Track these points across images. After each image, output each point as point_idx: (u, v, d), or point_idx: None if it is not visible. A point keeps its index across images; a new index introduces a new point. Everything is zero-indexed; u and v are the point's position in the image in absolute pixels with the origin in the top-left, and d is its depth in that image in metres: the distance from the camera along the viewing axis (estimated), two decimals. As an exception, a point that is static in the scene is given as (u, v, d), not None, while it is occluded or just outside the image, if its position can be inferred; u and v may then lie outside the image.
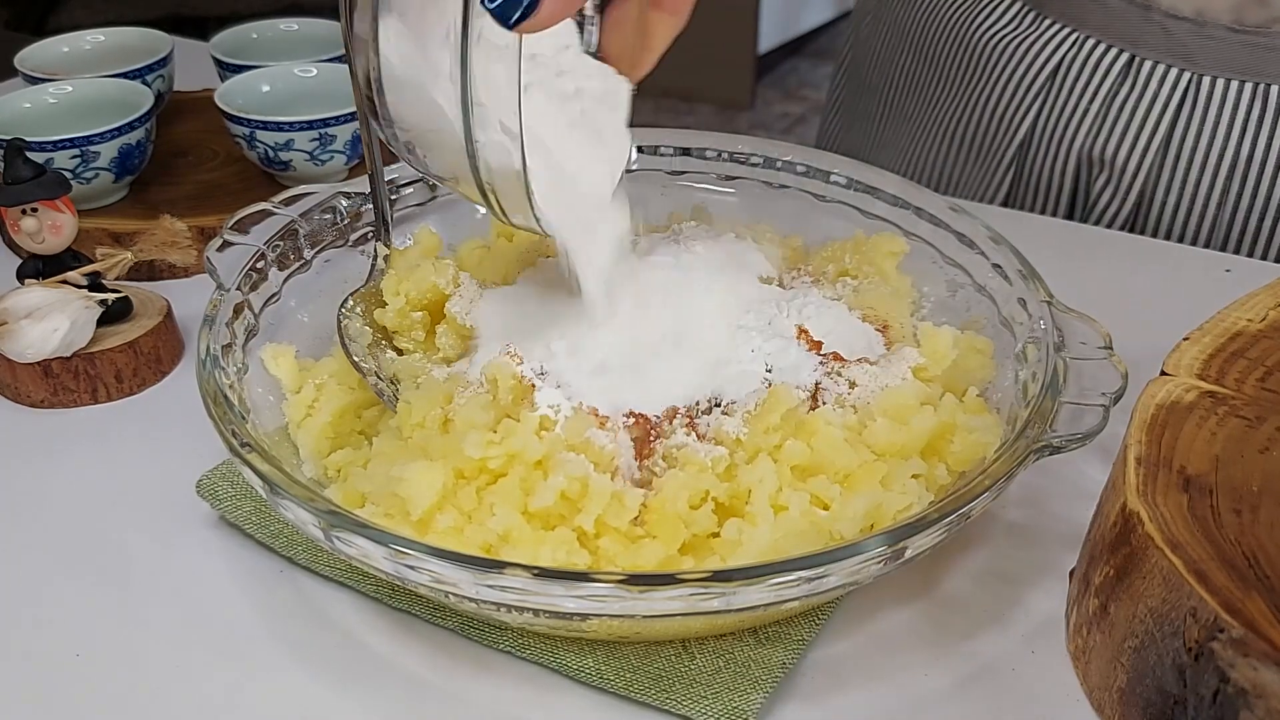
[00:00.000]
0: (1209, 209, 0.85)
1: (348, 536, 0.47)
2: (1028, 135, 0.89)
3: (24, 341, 0.66)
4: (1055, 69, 0.87)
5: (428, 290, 0.65)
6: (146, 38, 0.98)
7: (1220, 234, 0.86)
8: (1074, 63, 0.86)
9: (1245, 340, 0.57)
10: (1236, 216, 0.85)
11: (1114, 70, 0.84)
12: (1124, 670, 0.48)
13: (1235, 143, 0.83)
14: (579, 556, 0.50)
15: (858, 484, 0.52)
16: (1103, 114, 0.85)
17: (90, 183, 0.83)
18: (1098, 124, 0.86)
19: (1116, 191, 0.87)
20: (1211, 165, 0.83)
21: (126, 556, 0.59)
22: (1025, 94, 0.88)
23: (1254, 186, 0.83)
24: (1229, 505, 0.47)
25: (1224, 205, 0.85)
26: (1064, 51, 0.86)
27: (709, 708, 0.49)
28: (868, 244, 0.67)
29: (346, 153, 0.87)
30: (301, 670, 0.53)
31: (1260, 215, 0.84)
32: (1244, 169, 0.83)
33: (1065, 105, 0.87)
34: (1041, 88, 0.87)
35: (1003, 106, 0.90)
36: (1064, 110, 0.87)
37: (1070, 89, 0.86)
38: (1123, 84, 0.84)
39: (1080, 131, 0.87)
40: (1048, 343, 0.56)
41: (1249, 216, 0.85)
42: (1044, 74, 0.87)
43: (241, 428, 0.53)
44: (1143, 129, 0.84)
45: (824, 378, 0.57)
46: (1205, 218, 0.85)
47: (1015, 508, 0.60)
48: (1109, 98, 0.85)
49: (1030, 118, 0.89)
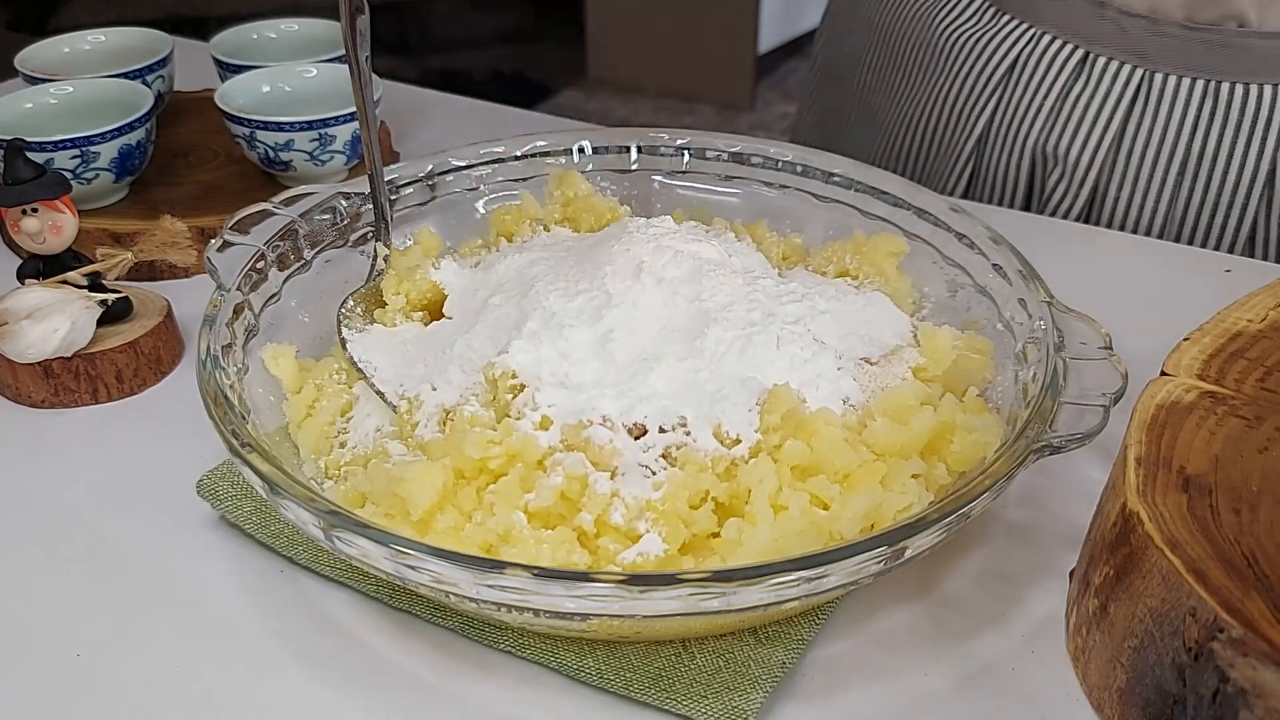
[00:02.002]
0: (1161, 203, 0.86)
1: (348, 536, 0.47)
2: (985, 129, 0.91)
3: (24, 342, 0.67)
4: (1012, 64, 0.88)
5: (427, 290, 0.65)
6: (146, 38, 0.98)
7: (1173, 227, 0.88)
8: (1030, 59, 0.87)
9: (1245, 340, 0.57)
10: (1188, 211, 0.86)
11: (1069, 66, 0.86)
12: (1124, 670, 0.48)
13: (1187, 138, 0.84)
14: (579, 556, 0.50)
15: (857, 484, 0.52)
16: (1057, 109, 0.87)
17: (90, 183, 0.83)
18: (1052, 119, 0.87)
19: (1070, 185, 0.88)
20: (1163, 160, 0.85)
21: (126, 556, 0.59)
22: (983, 89, 0.90)
23: (1205, 181, 0.85)
24: (1228, 505, 0.47)
25: (1175, 200, 0.86)
26: (1021, 47, 0.88)
27: (709, 707, 0.49)
28: (868, 244, 0.67)
29: (346, 153, 0.87)
30: (301, 670, 0.53)
31: (1212, 210, 0.85)
32: (1195, 164, 0.84)
33: (1021, 100, 0.88)
34: (999, 83, 0.89)
35: (962, 101, 0.92)
36: (1020, 105, 0.89)
37: (1026, 84, 0.88)
38: (1077, 80, 0.86)
39: (1035, 126, 0.88)
40: (1048, 343, 0.57)
41: (1200, 211, 0.86)
42: (1001, 69, 0.88)
43: (242, 428, 0.53)
44: (1096, 124, 0.86)
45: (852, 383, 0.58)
46: (1157, 212, 0.87)
47: (1015, 508, 0.61)
48: (1064, 93, 0.86)
49: (988, 112, 0.90)
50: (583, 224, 0.71)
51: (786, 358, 0.57)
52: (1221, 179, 0.84)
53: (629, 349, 0.57)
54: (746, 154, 0.74)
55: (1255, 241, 0.87)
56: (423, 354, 0.61)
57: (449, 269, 0.66)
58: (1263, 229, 0.86)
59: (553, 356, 0.56)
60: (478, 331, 0.59)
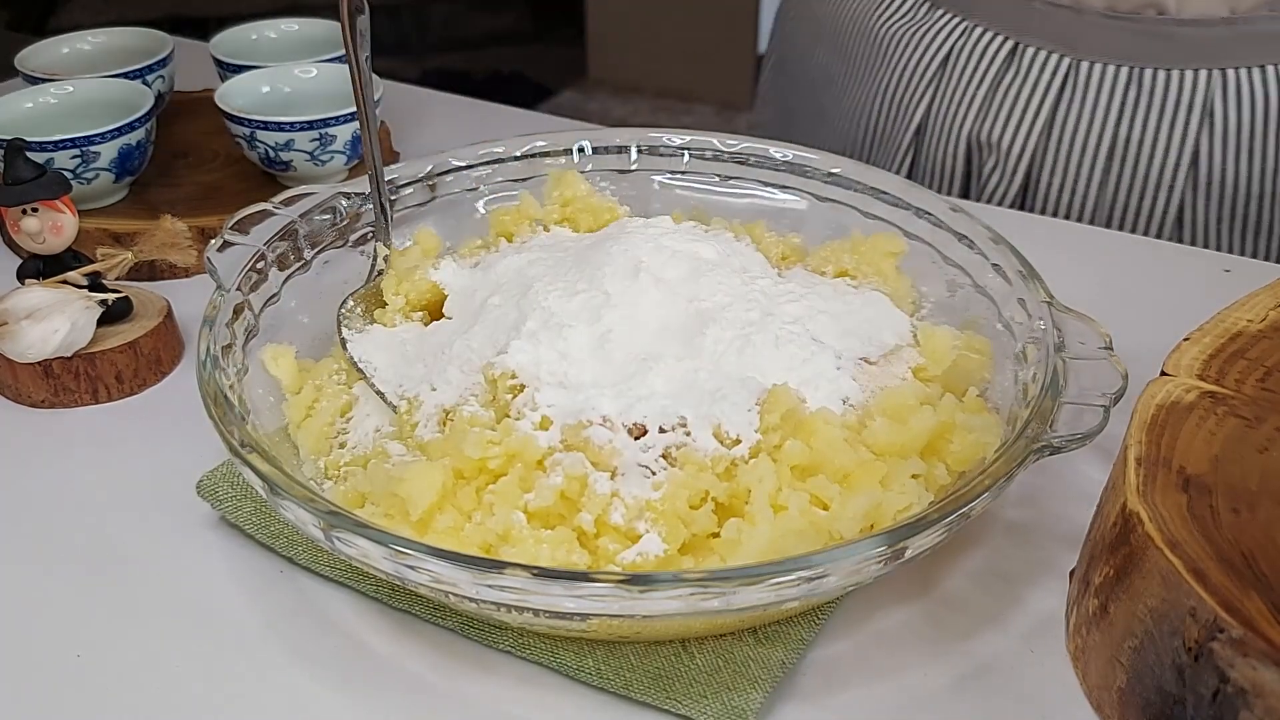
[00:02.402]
0: (1091, 187, 0.89)
1: (348, 537, 0.47)
2: (923, 120, 0.94)
3: (24, 342, 0.67)
4: (946, 57, 0.91)
5: (427, 290, 0.65)
6: (147, 38, 0.98)
7: (1103, 211, 0.90)
8: (963, 51, 0.90)
9: (1245, 340, 0.57)
10: (1118, 194, 0.89)
11: (999, 57, 0.89)
12: (1123, 670, 0.48)
13: (1114, 124, 0.87)
14: (579, 556, 0.50)
15: (857, 484, 0.52)
16: (990, 99, 0.90)
17: (90, 183, 0.83)
18: (985, 109, 0.90)
19: (1005, 172, 0.91)
20: (1092, 146, 0.88)
21: (126, 557, 0.59)
22: (920, 81, 0.93)
23: (1133, 166, 0.88)
24: (1228, 505, 0.47)
25: (1105, 184, 0.89)
26: (954, 40, 0.91)
27: (708, 707, 0.49)
28: (867, 244, 0.67)
29: (346, 153, 0.87)
30: (301, 670, 0.53)
31: (1140, 193, 0.88)
32: (1123, 149, 0.87)
33: (955, 92, 0.92)
34: (934, 76, 0.92)
35: (900, 93, 0.95)
36: (954, 96, 0.92)
37: (960, 76, 0.91)
38: (1007, 71, 0.89)
39: (970, 116, 0.91)
40: (1047, 343, 0.57)
41: (1130, 194, 0.89)
42: (936, 62, 0.92)
43: (242, 428, 0.53)
44: (1026, 113, 0.89)
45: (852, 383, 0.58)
46: (1089, 196, 0.90)
47: (1015, 507, 0.61)
48: (995, 84, 0.89)
49: (925, 104, 0.93)
50: (582, 224, 0.71)
51: (785, 357, 0.57)
52: (1148, 162, 0.87)
53: (628, 349, 0.57)
54: (746, 154, 0.73)
55: (1183, 222, 0.89)
56: (422, 354, 0.61)
57: (448, 269, 0.66)
58: (1189, 209, 0.89)
59: (552, 356, 0.56)
60: (477, 332, 0.59)
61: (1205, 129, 0.85)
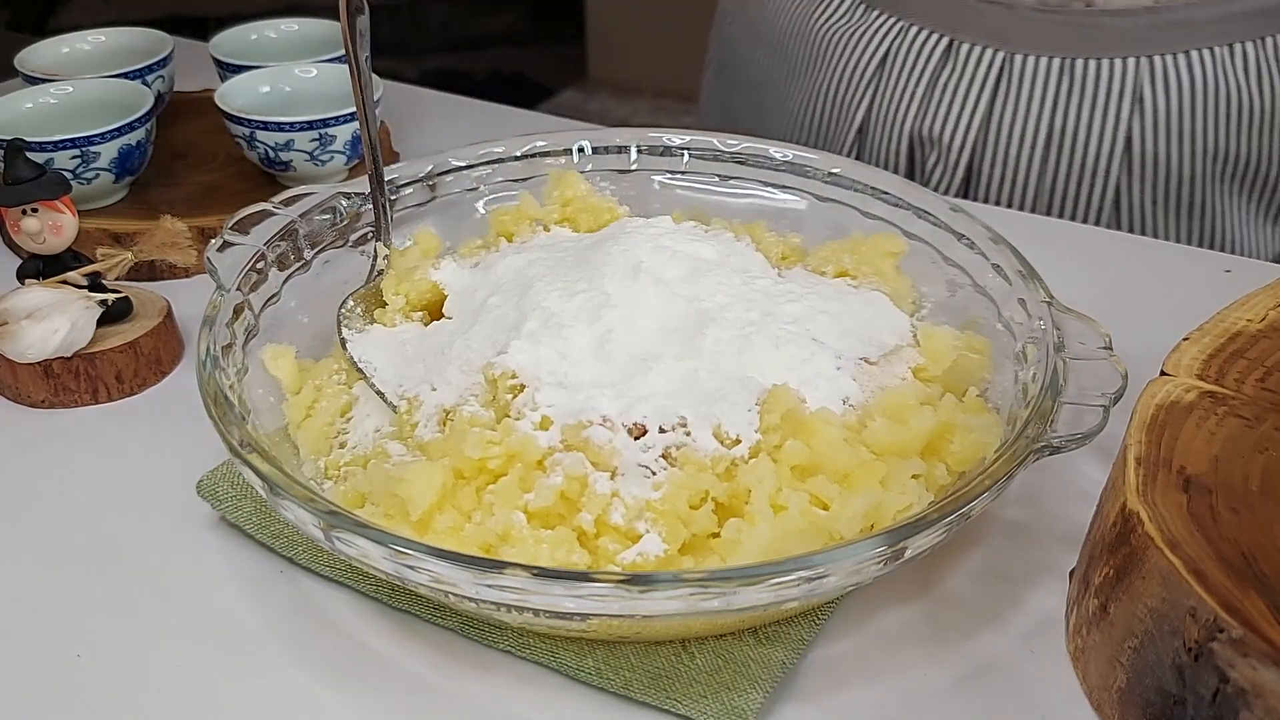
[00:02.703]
0: (1030, 177, 0.91)
1: (348, 537, 0.47)
2: (865, 119, 0.96)
3: (24, 342, 0.67)
4: (884, 57, 0.93)
5: (427, 290, 0.65)
6: (146, 38, 0.98)
7: (1043, 199, 0.92)
8: (900, 50, 0.93)
9: (1245, 340, 0.57)
10: (1056, 182, 0.91)
11: (936, 55, 0.91)
12: (1123, 670, 0.48)
13: (1049, 115, 0.89)
14: (579, 556, 0.50)
15: (857, 484, 0.52)
16: (929, 96, 0.92)
17: (90, 183, 0.83)
18: (925, 105, 0.92)
19: (946, 167, 0.93)
20: (1029, 137, 0.90)
21: (126, 556, 0.59)
22: (860, 81, 0.95)
23: (1069, 153, 0.90)
24: (1228, 505, 0.47)
25: (1044, 173, 0.91)
26: (891, 40, 0.93)
27: (708, 707, 0.49)
28: (866, 244, 0.67)
29: (346, 153, 0.87)
30: (301, 670, 0.53)
31: (1078, 181, 0.91)
32: (1059, 138, 0.90)
33: (895, 90, 0.94)
34: (873, 75, 0.94)
35: (841, 93, 0.97)
36: (894, 94, 0.94)
37: (898, 74, 0.93)
38: (944, 67, 0.91)
39: (910, 113, 0.93)
40: (1048, 343, 0.57)
41: (1068, 181, 0.91)
42: (874, 62, 0.93)
43: (242, 428, 0.53)
44: (965, 107, 0.91)
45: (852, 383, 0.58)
46: (1028, 185, 0.92)
47: (1015, 507, 0.61)
48: (933, 80, 0.91)
49: (866, 102, 0.95)
50: (582, 224, 0.71)
51: (785, 358, 0.57)
52: (1084, 150, 0.90)
53: (628, 349, 0.57)
54: (746, 154, 0.73)
55: (1120, 206, 0.92)
56: (422, 354, 0.61)
57: (448, 269, 0.66)
58: (1125, 194, 0.91)
59: (551, 356, 0.56)
60: (477, 332, 0.59)
61: (1136, 115, 0.88)
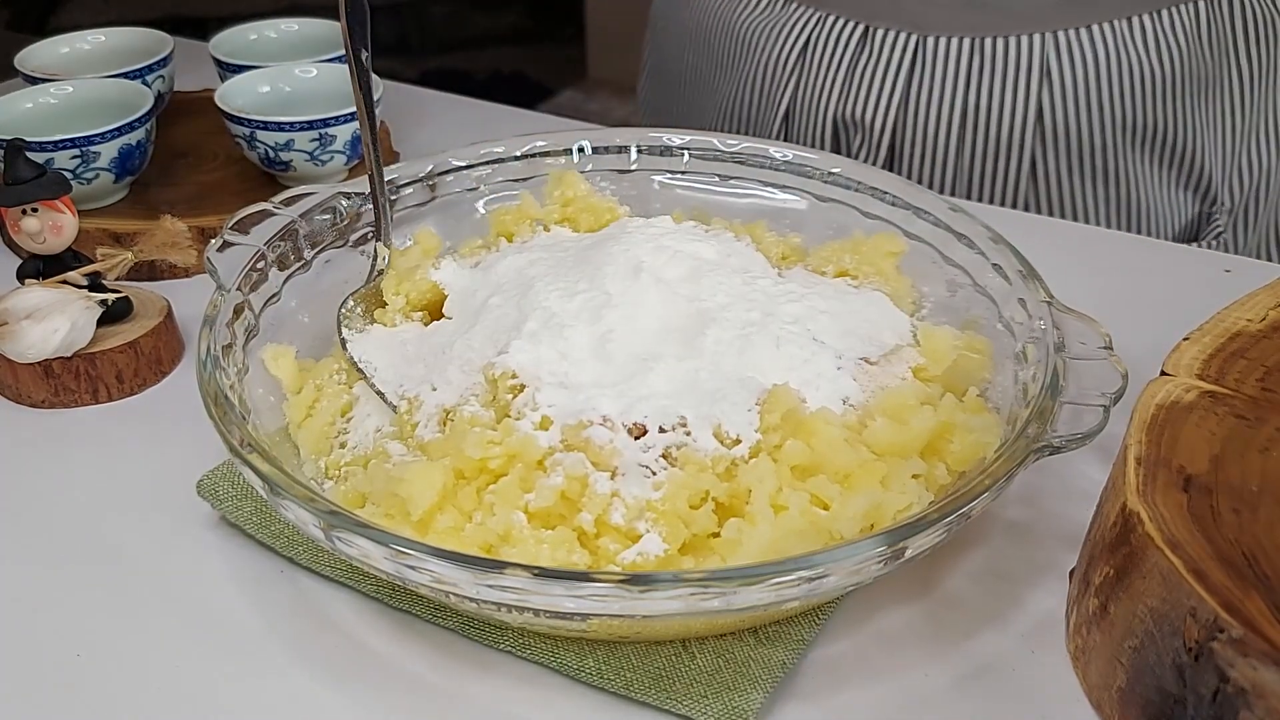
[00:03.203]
0: (949, 156, 0.95)
1: (348, 537, 0.47)
2: (790, 107, 0.99)
3: (25, 342, 0.67)
4: (805, 46, 0.96)
5: (427, 290, 0.65)
6: (146, 38, 0.98)
7: (964, 178, 0.95)
8: (819, 39, 0.96)
9: (1245, 340, 0.57)
10: (974, 157, 0.94)
11: (853, 41, 0.94)
12: (1123, 670, 0.48)
13: (963, 94, 0.93)
14: (579, 556, 0.50)
15: (857, 484, 0.52)
16: (848, 81, 0.95)
17: (90, 183, 0.83)
18: (845, 90, 0.95)
19: (869, 149, 0.96)
20: (945, 116, 0.94)
21: (126, 556, 0.59)
22: (782, 71, 0.98)
23: (985, 129, 0.93)
24: (1228, 505, 0.47)
25: (962, 150, 0.94)
26: (810, 30, 0.96)
27: (709, 707, 0.49)
28: (867, 244, 0.67)
29: (346, 153, 0.87)
30: (301, 670, 0.53)
31: (995, 154, 0.94)
32: (974, 115, 0.93)
33: (816, 77, 0.97)
34: (794, 64, 0.97)
35: (766, 84, 1.00)
36: (816, 82, 0.97)
37: (819, 63, 0.96)
38: (862, 53, 0.94)
39: (832, 99, 0.96)
40: (1048, 343, 0.56)
41: (985, 157, 0.94)
42: (795, 51, 0.97)
43: (242, 428, 0.53)
44: (883, 91, 0.94)
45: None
46: (948, 164, 0.95)
47: (1015, 507, 0.61)
48: (852, 66, 0.95)
49: (789, 91, 0.98)
50: (582, 224, 0.71)
51: (785, 357, 0.57)
52: (999, 125, 0.93)
53: (628, 349, 0.57)
54: (746, 154, 0.73)
55: (1036, 176, 0.95)
56: (422, 354, 0.61)
57: (449, 269, 0.66)
58: (1040, 165, 0.94)
59: (552, 356, 0.56)
60: (477, 332, 0.59)
61: (1045, 88, 0.91)
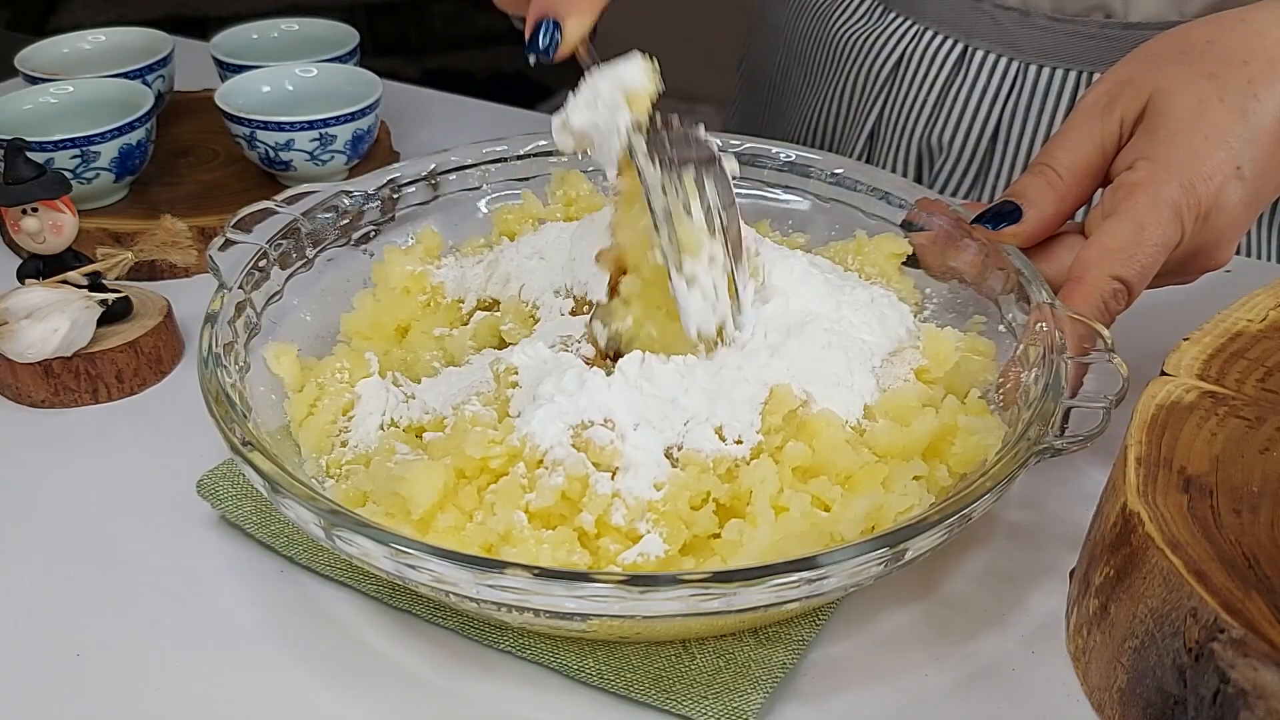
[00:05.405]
0: None
1: (349, 535, 0.47)
2: (875, 125, 0.94)
3: (24, 341, 0.66)
4: (898, 62, 0.91)
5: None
6: (147, 38, 0.98)
7: None
8: (914, 55, 0.91)
9: (1245, 341, 0.57)
10: None
11: (949, 61, 0.89)
12: (1124, 670, 0.48)
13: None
14: (579, 557, 0.50)
15: (859, 485, 0.52)
16: (940, 104, 0.90)
17: (91, 183, 0.83)
18: (936, 113, 0.90)
19: (953, 175, 0.92)
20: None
21: (127, 556, 0.59)
22: (872, 86, 0.93)
23: None
24: (1229, 505, 0.47)
25: None
26: (906, 44, 0.91)
27: (709, 708, 0.49)
28: (870, 245, 0.67)
29: (346, 153, 0.87)
30: (301, 670, 0.53)
31: None
32: None
33: (907, 97, 0.92)
34: (886, 80, 0.92)
35: (854, 98, 0.95)
36: (906, 101, 0.92)
37: (911, 80, 0.91)
38: (957, 74, 0.89)
39: (920, 120, 0.91)
40: (1049, 344, 0.56)
41: None
42: (888, 67, 0.91)
43: (243, 426, 0.53)
44: (976, 117, 0.89)
45: None
46: None
47: (1016, 508, 0.61)
48: (945, 88, 0.89)
49: (877, 109, 0.93)
50: (584, 224, 0.71)
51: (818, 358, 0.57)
52: None
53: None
54: (748, 154, 0.73)
55: None
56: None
57: (449, 269, 0.66)
58: None
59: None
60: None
61: None
